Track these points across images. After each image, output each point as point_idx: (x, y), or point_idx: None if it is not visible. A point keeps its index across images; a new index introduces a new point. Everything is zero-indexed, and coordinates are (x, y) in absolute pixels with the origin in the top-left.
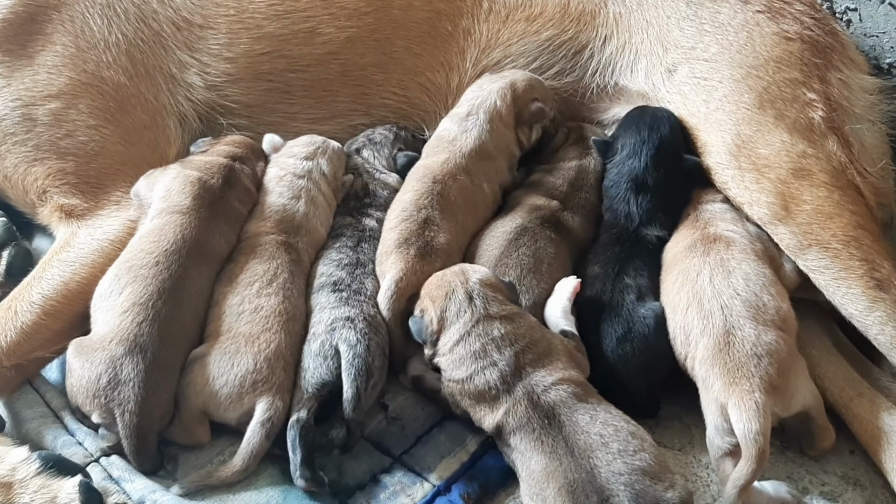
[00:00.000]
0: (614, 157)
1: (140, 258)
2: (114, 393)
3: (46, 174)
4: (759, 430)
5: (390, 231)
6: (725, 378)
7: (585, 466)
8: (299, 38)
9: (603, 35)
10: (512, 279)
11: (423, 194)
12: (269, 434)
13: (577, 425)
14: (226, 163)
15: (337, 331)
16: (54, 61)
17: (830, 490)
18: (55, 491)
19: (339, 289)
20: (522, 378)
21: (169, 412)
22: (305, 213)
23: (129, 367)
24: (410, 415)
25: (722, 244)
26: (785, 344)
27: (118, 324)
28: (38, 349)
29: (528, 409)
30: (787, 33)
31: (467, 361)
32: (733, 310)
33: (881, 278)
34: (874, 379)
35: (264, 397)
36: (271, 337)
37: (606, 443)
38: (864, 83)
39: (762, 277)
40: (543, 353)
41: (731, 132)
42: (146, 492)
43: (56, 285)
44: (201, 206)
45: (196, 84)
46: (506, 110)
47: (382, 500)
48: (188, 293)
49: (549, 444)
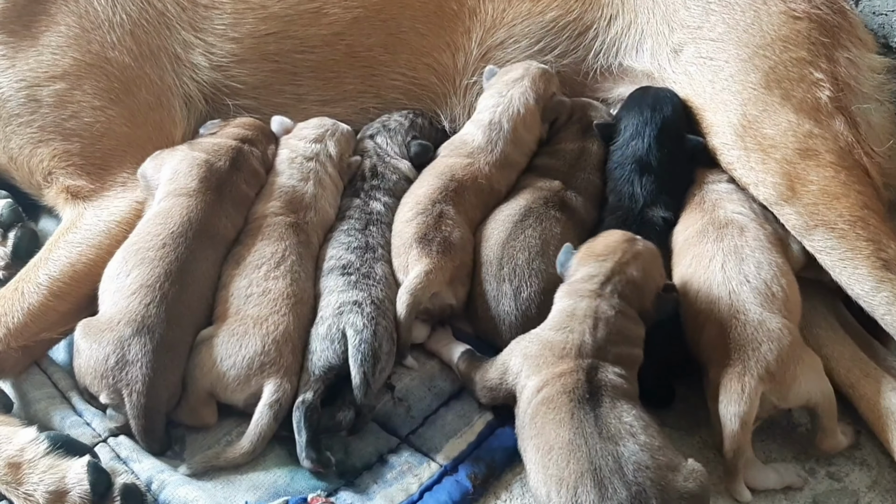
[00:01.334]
0: (617, 139)
1: (147, 241)
2: (121, 374)
3: (52, 155)
4: (737, 412)
5: (406, 224)
6: (723, 360)
7: (613, 452)
8: (305, 19)
9: (608, 15)
10: (521, 263)
11: (439, 189)
12: (276, 416)
13: (614, 410)
14: (234, 145)
15: (344, 315)
16: (59, 42)
17: (836, 470)
18: (63, 471)
19: (349, 272)
20: (598, 356)
21: (177, 393)
22: (314, 194)
23: (136, 347)
24: (417, 395)
25: (735, 229)
26: (789, 333)
27: (126, 305)
28: (45, 330)
29: (581, 380)
30: (794, 12)
31: (566, 319)
32: (741, 295)
33: (888, 258)
34: (881, 359)
35: (272, 379)
36: (279, 319)
37: (635, 433)
38: (873, 62)
39: (774, 267)
40: (623, 357)
41: (736, 112)
42: (154, 472)
43: (62, 266)
44: (208, 189)
45: (201, 64)
46: (529, 116)
47: (389, 481)
48: (195, 276)
49: (578, 418)
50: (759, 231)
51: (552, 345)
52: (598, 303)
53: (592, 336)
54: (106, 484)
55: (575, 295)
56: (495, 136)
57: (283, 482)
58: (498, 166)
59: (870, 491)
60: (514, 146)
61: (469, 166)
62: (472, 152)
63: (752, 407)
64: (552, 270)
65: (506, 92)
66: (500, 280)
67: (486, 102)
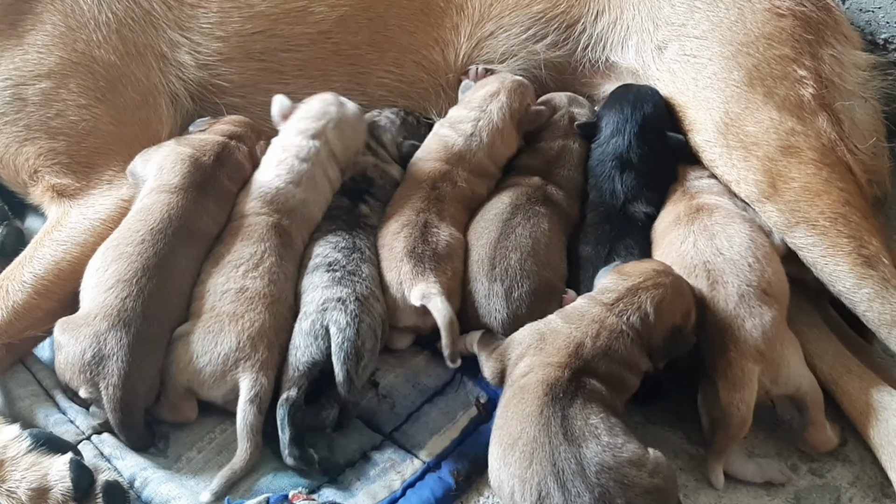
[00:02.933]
0: (599, 136)
1: (126, 236)
2: (98, 367)
3: (37, 154)
4: (742, 397)
5: (394, 237)
6: (715, 341)
7: (575, 455)
8: (291, 17)
9: (595, 10)
10: (513, 264)
11: (422, 199)
12: (260, 409)
13: (583, 411)
14: (220, 140)
15: (328, 311)
16: (44, 40)
17: (819, 466)
18: (46, 468)
19: (334, 269)
20: (590, 363)
21: (155, 387)
22: (303, 199)
23: (112, 341)
24: (401, 392)
25: (705, 212)
26: (770, 309)
27: (103, 300)
28: (30, 328)
29: (562, 378)
30: (778, 9)
31: (577, 316)
32: (717, 266)
33: (869, 255)
34: (864, 356)
35: (247, 375)
36: (255, 317)
37: (598, 435)
38: (857, 59)
39: (747, 240)
40: (614, 378)
41: (719, 110)
42: (137, 469)
43: (47, 265)
44: (190, 186)
45: (187, 63)
46: (506, 130)
47: (372, 478)
48: (174, 272)
49: (546, 415)
50: (731, 209)
51: (557, 333)
52: (607, 315)
53: (593, 341)
54: (88, 481)
55: (591, 300)
56: (475, 147)
57: (265, 480)
58: (476, 174)
59: (851, 487)
60: (489, 159)
61: (448, 173)
62: (451, 158)
63: (753, 389)
64: (544, 272)
65: (486, 106)
66: (491, 280)
67: (465, 114)
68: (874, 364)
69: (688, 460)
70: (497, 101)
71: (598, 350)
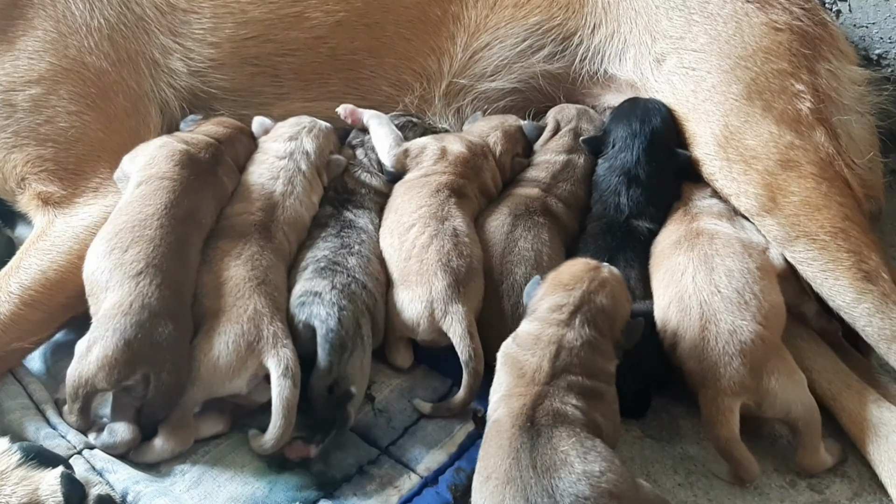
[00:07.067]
0: (606, 151)
1: (140, 220)
2: (149, 356)
3: (25, 161)
4: (720, 434)
5: (424, 249)
6: (697, 376)
7: (548, 488)
8: (286, 23)
9: (592, 23)
10: (518, 279)
11: (441, 205)
12: (294, 382)
13: (551, 441)
14: (212, 141)
15: (306, 306)
16: (35, 46)
17: (818, 482)
18: (36, 483)
19: (320, 265)
20: (552, 385)
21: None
22: (282, 192)
23: (160, 328)
24: (397, 407)
25: (706, 238)
26: (763, 343)
27: (135, 287)
28: (18, 340)
29: (525, 405)
30: (776, 23)
31: (532, 341)
32: (712, 305)
33: (869, 270)
34: (863, 371)
35: (268, 354)
36: (245, 303)
37: (571, 463)
38: (853, 74)
39: (746, 274)
40: (585, 391)
41: (718, 123)
42: (130, 483)
43: (34, 274)
44: (190, 175)
45: (179, 70)
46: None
47: (370, 492)
48: (192, 259)
49: (515, 447)
50: (730, 238)
51: (515, 361)
52: (564, 331)
53: (551, 364)
54: (80, 495)
55: (543, 322)
56: (480, 162)
57: (261, 494)
58: (480, 188)
59: (850, 503)
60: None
61: (453, 182)
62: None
63: (733, 424)
64: None
65: (487, 133)
66: (499, 296)
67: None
68: (873, 380)
69: (686, 475)
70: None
71: (557, 370)
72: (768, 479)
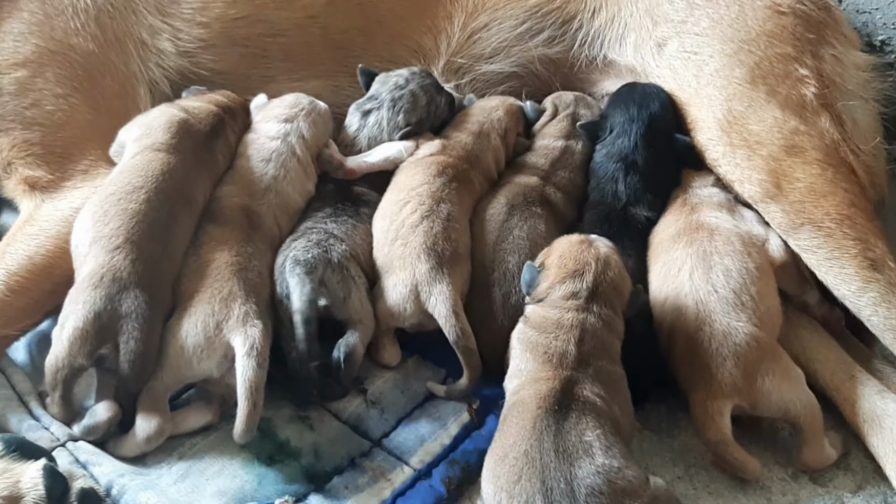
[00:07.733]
0: (604, 137)
1: (127, 192)
2: (116, 326)
3: (11, 145)
4: (710, 438)
5: (412, 230)
6: (692, 380)
7: (566, 474)
8: (277, 2)
9: (592, 7)
10: (511, 268)
11: (440, 188)
12: (259, 363)
13: (577, 426)
14: (216, 111)
15: (287, 272)
16: (21, 28)
17: (820, 475)
18: (18, 475)
19: (303, 233)
20: (579, 370)
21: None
22: (274, 176)
23: (128, 300)
24: (390, 398)
25: (705, 233)
26: (758, 345)
27: (110, 260)
28: (3, 327)
29: (555, 389)
30: (779, 7)
31: (553, 325)
32: (708, 305)
33: (875, 258)
34: (866, 362)
35: (234, 333)
36: (222, 285)
37: (593, 454)
38: (857, 60)
39: (744, 275)
40: (603, 374)
41: (721, 108)
42: (114, 476)
43: (20, 260)
44: (186, 149)
45: (168, 50)
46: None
47: (361, 486)
48: (178, 238)
49: (540, 429)
50: (730, 234)
51: (535, 346)
52: (585, 315)
53: (577, 348)
54: (62, 488)
55: (560, 308)
56: (484, 145)
57: (249, 487)
58: (483, 174)
59: (854, 496)
60: (495, 163)
61: (458, 167)
62: (459, 152)
63: (724, 427)
64: None
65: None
66: (489, 285)
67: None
68: (876, 370)
69: (685, 469)
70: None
71: (584, 355)
72: (770, 472)
